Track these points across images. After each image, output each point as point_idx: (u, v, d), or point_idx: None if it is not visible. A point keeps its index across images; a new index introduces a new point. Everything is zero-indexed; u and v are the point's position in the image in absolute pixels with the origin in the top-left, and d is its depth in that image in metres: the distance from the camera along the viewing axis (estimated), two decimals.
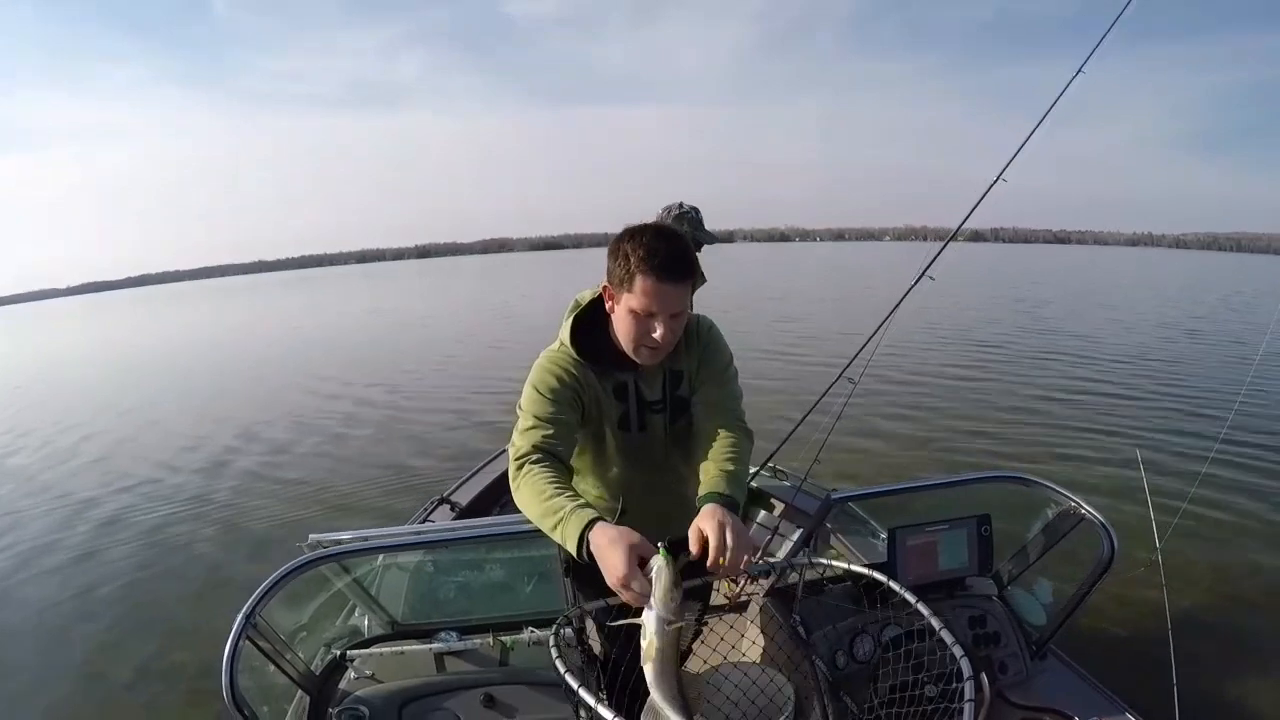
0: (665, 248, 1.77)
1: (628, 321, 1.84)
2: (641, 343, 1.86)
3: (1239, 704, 3.81)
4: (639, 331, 1.84)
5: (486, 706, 2.15)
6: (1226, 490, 6.88)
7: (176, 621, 5.18)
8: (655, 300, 1.77)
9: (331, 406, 12.12)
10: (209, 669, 4.05)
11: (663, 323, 1.81)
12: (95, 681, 4.52)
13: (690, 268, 1.81)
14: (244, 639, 1.85)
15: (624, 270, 1.79)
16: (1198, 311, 23.26)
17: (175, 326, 37.54)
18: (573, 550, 1.57)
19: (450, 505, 4.22)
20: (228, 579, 5.77)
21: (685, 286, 1.81)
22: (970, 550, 2.64)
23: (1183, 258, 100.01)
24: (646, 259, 1.75)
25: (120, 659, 4.72)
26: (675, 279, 1.77)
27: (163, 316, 48.86)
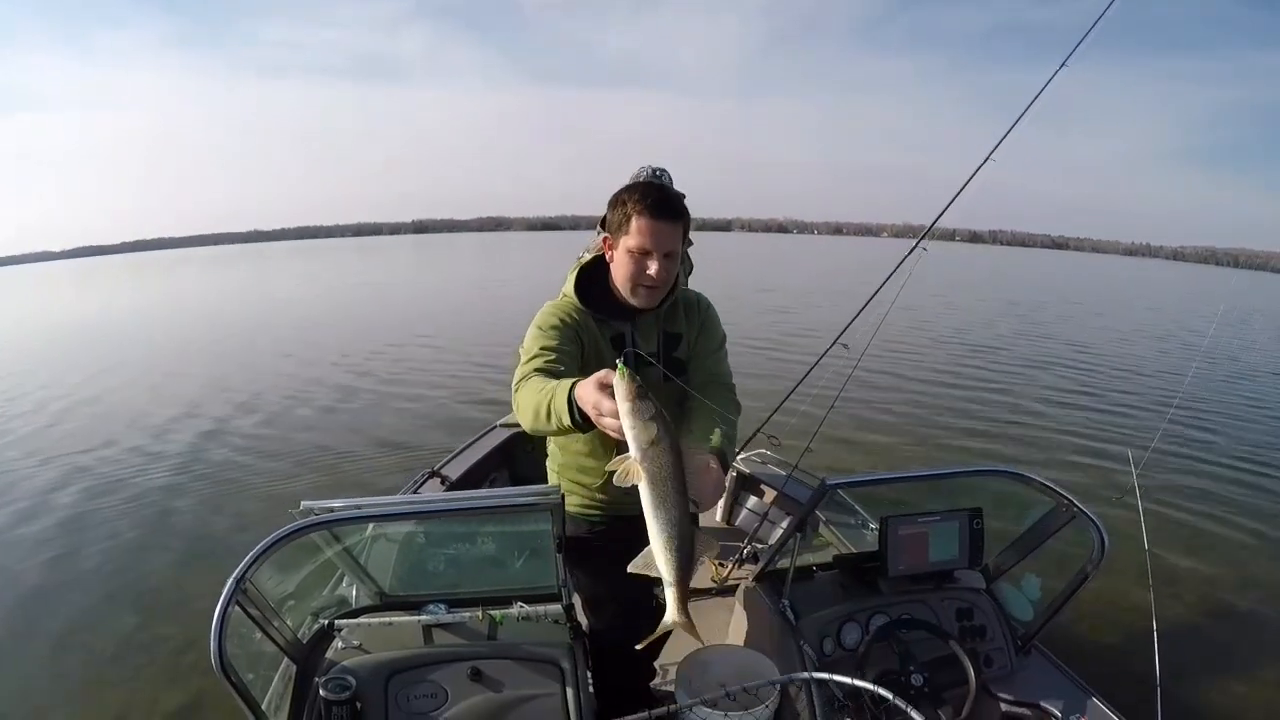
0: (657, 192, 1.99)
1: (625, 262, 2.01)
2: (639, 281, 2.02)
3: (1222, 704, 3.84)
4: (636, 270, 2.00)
5: (474, 680, 2.14)
6: (1214, 492, 6.96)
7: (161, 589, 5.14)
8: (650, 237, 1.96)
9: (323, 377, 12.07)
10: (193, 639, 4.05)
11: (657, 260, 1.98)
12: (75, 653, 4.44)
13: (680, 211, 2.00)
14: (233, 605, 1.83)
15: (621, 215, 1.99)
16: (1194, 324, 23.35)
17: (169, 293, 37.29)
18: (565, 416, 1.66)
19: (440, 479, 4.20)
20: (211, 548, 5.73)
21: (677, 227, 2.00)
22: (961, 543, 2.65)
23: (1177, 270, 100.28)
24: (641, 201, 1.96)
25: (102, 629, 4.66)
26: (667, 218, 1.97)
27: (157, 282, 48.56)
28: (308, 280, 40.40)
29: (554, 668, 2.20)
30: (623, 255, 2.02)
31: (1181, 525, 6.11)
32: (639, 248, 1.98)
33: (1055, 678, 2.55)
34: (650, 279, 2.00)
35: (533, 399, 1.80)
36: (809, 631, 2.45)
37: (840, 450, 7.49)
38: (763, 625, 2.61)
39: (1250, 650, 4.37)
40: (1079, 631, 4.14)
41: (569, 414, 1.65)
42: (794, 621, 2.47)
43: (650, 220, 1.95)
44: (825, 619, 2.51)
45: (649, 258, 1.99)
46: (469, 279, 36.11)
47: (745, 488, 4.47)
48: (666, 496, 1.44)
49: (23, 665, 4.34)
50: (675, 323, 2.26)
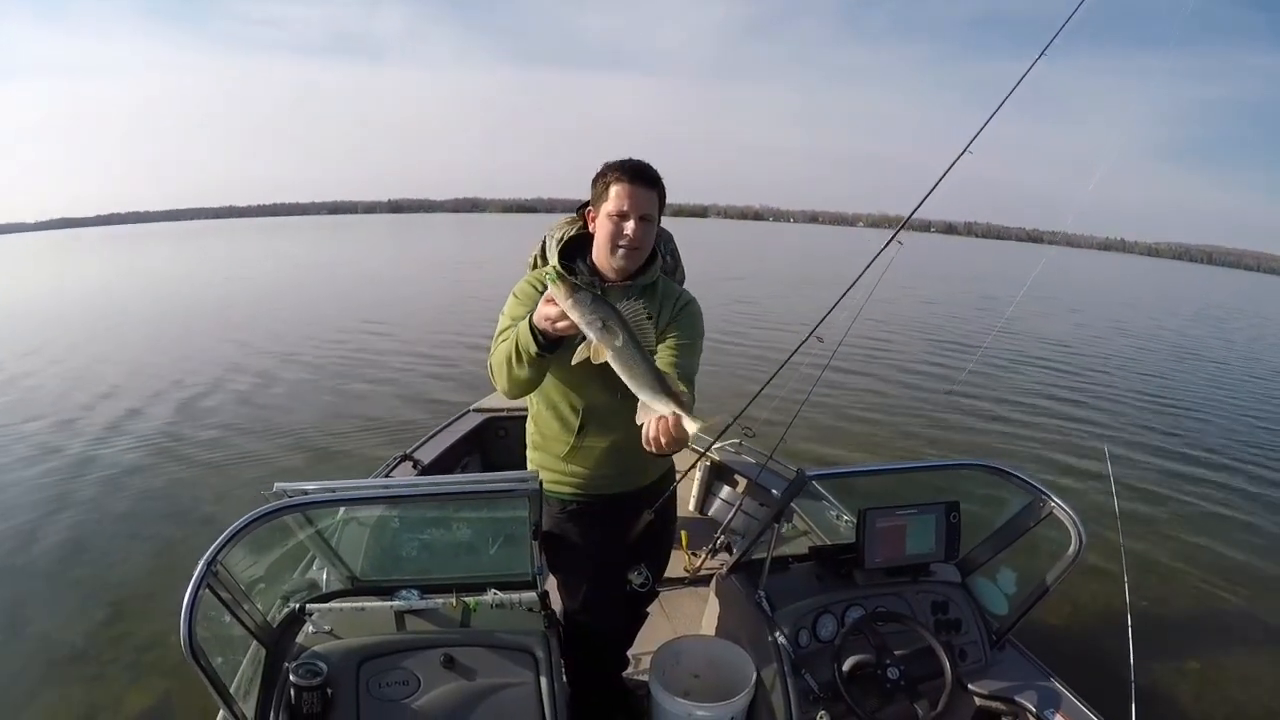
0: (632, 162, 2.16)
1: (605, 226, 2.16)
2: (616, 241, 2.16)
3: (1194, 697, 3.90)
4: (615, 230, 2.15)
5: (446, 667, 2.11)
6: (1190, 486, 7.08)
7: (128, 572, 5.03)
8: (627, 199, 2.12)
9: (291, 358, 11.93)
10: (162, 622, 3.95)
11: (634, 221, 2.13)
12: (35, 641, 4.31)
13: (655, 179, 2.16)
14: (204, 587, 1.79)
15: (603, 185, 2.16)
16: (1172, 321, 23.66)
17: (140, 268, 36.69)
18: (530, 344, 1.95)
19: (413, 463, 4.15)
20: (179, 531, 5.62)
21: (652, 194, 2.16)
22: (938, 536, 2.65)
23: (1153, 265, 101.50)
24: (618, 168, 2.14)
25: (67, 613, 4.54)
26: (642, 183, 2.13)
27: (130, 257, 47.81)
28: (279, 257, 39.96)
29: (528, 656, 2.18)
30: (603, 220, 2.17)
31: (1157, 519, 6.21)
32: (617, 210, 2.13)
33: (1029, 671, 2.56)
34: (627, 239, 2.14)
35: (503, 350, 2.06)
36: (785, 623, 2.44)
37: (813, 441, 7.51)
38: (737, 616, 2.60)
39: (1223, 643, 4.45)
40: (1053, 625, 4.19)
41: (532, 340, 1.93)
42: (770, 613, 2.46)
43: (627, 185, 2.12)
44: (801, 611, 2.50)
45: (626, 220, 2.13)
46: (447, 259, 35.82)
47: (718, 477, 4.46)
48: (633, 355, 1.73)
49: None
50: (650, 303, 2.28)
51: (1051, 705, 2.38)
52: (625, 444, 2.24)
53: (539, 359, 1.98)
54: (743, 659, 2.40)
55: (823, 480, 3.13)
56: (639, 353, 1.74)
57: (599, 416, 2.26)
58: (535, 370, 2.06)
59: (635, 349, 1.74)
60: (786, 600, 2.52)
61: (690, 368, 2.26)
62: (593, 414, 2.27)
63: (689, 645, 2.55)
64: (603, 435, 2.28)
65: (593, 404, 2.25)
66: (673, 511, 2.64)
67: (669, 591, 3.52)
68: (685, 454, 2.44)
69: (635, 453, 2.13)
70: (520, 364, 2.01)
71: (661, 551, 2.64)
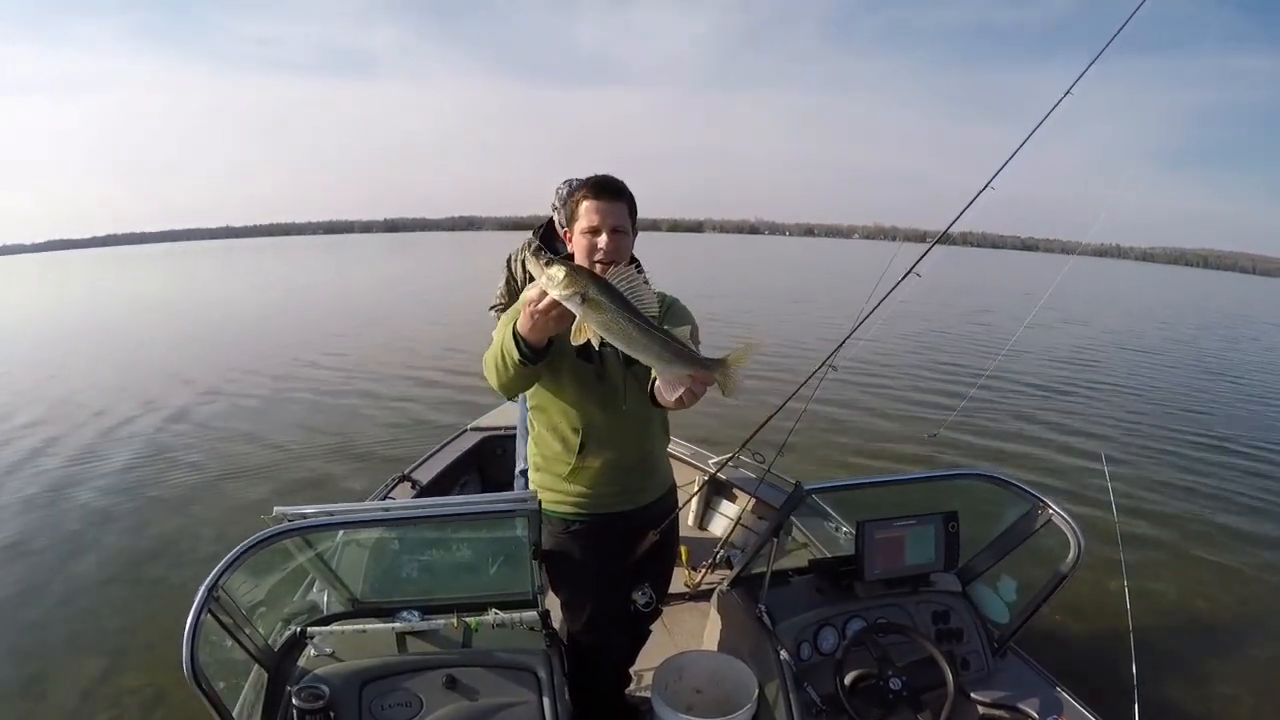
0: (599, 178, 2.20)
1: (580, 244, 2.18)
2: (593, 258, 2.15)
3: (1199, 703, 3.89)
4: (589, 248, 2.16)
5: (448, 688, 2.11)
6: (1189, 490, 7.08)
7: (128, 599, 4.99)
8: (596, 215, 2.14)
9: (287, 380, 11.89)
10: (164, 650, 3.94)
11: (606, 235, 2.14)
12: (37, 665, 4.29)
13: (621, 191, 2.19)
14: (206, 612, 1.79)
15: (573, 204, 2.20)
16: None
17: (139, 289, 36.60)
18: (512, 349, 1.93)
19: (411, 483, 4.16)
20: (178, 556, 5.58)
21: (620, 205, 2.18)
22: (937, 546, 2.65)
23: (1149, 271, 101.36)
24: (585, 186, 2.19)
25: (64, 641, 4.51)
26: (609, 197, 2.16)
27: (128, 277, 47.76)
28: (275, 278, 39.95)
29: (530, 675, 2.18)
30: (578, 239, 2.19)
31: (1156, 523, 6.20)
32: (588, 227, 2.16)
33: (1032, 679, 2.56)
34: (602, 252, 2.15)
35: (492, 352, 2.05)
36: (786, 636, 2.44)
37: (811, 453, 7.50)
38: (739, 630, 2.60)
39: (1227, 648, 4.44)
40: (1055, 632, 4.18)
41: (515, 347, 1.91)
42: (770, 626, 2.46)
43: (594, 200, 2.15)
44: (802, 624, 2.50)
45: (598, 234, 2.15)
46: (445, 277, 35.77)
47: (718, 492, 4.46)
48: (627, 322, 1.61)
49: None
50: None
51: (1054, 712, 2.38)
52: (625, 462, 2.32)
53: (523, 367, 1.96)
54: (745, 673, 2.40)
55: (821, 493, 3.13)
56: (634, 318, 1.62)
57: (598, 435, 2.27)
58: (522, 379, 2.09)
59: (628, 315, 1.61)
60: (787, 613, 2.52)
61: None
62: (592, 432, 2.27)
63: (691, 660, 2.55)
64: (603, 453, 2.29)
65: (592, 422, 2.26)
66: (675, 529, 2.64)
67: (670, 607, 3.52)
68: (686, 473, 2.45)
69: (636, 470, 2.33)
70: (505, 367, 2.01)
71: (664, 569, 2.64)
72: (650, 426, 2.39)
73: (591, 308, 1.60)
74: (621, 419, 2.29)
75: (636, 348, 1.65)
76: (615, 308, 1.61)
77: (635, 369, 2.23)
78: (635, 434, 2.33)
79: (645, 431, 2.37)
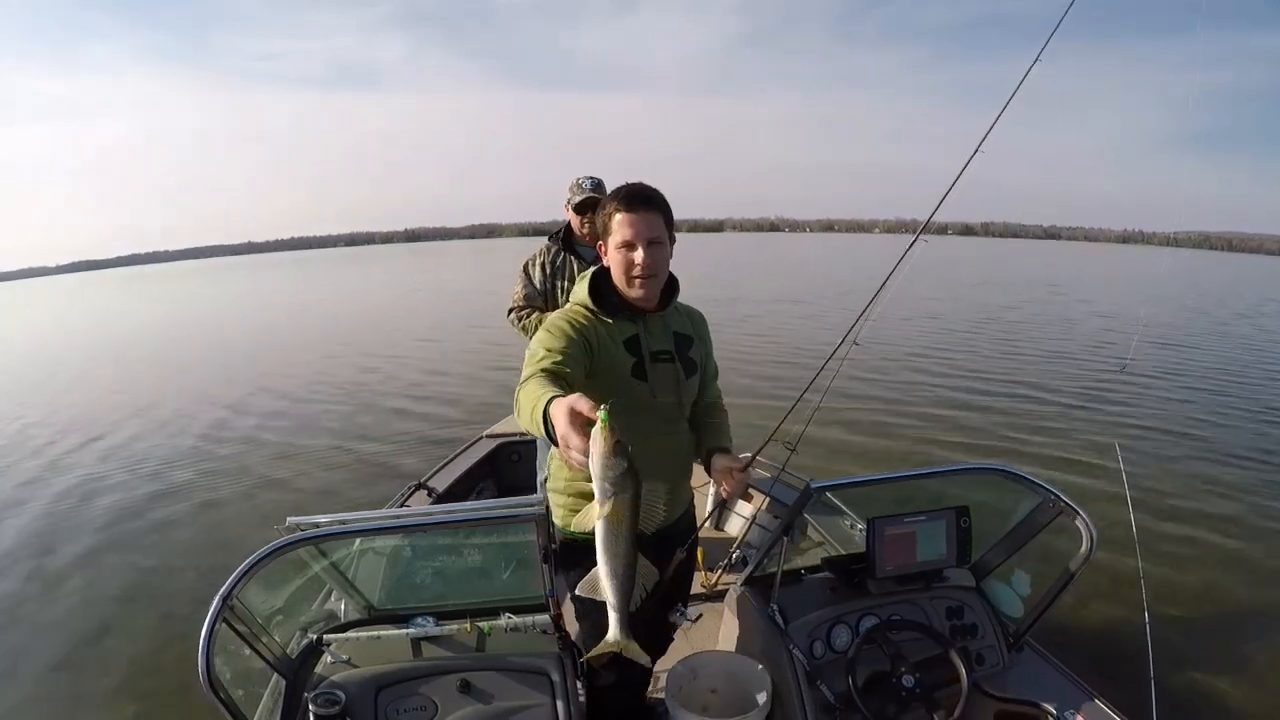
0: (629, 187, 2.12)
1: (617, 260, 2.12)
2: (630, 273, 2.11)
3: (1217, 697, 3.84)
4: (625, 262, 2.10)
5: (463, 692, 2.14)
6: (1204, 480, 7.01)
7: (144, 611, 5.07)
8: (631, 228, 2.07)
9: (307, 391, 12.01)
10: (180, 658, 4.00)
11: (642, 248, 2.08)
12: (52, 672, 4.37)
13: (655, 200, 2.10)
14: (220, 622, 1.83)
15: (606, 218, 2.12)
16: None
17: (157, 306, 37.09)
18: (540, 427, 1.66)
19: (427, 491, 4.21)
20: (196, 566, 5.67)
21: (654, 215, 2.10)
22: (948, 541, 2.64)
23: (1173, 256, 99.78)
24: (615, 197, 2.10)
25: (81, 649, 4.59)
26: (642, 208, 2.08)
27: (149, 296, 48.35)
28: (296, 290, 40.29)
29: (543, 678, 2.20)
30: (613, 254, 2.13)
31: (1172, 513, 6.12)
32: (623, 241, 2.09)
33: (1048, 673, 2.55)
34: (639, 268, 2.09)
35: (529, 401, 1.77)
36: (798, 635, 2.45)
37: (822, 452, 7.46)
38: (752, 630, 2.61)
39: (1247, 639, 4.37)
40: (1070, 625, 4.13)
41: (544, 429, 1.64)
42: (783, 625, 2.47)
43: (626, 213, 2.08)
44: (814, 622, 2.51)
45: (634, 249, 2.09)
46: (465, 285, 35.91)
47: None
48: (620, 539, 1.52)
49: None
50: (682, 325, 2.35)
51: (1072, 706, 2.37)
52: (675, 474, 2.36)
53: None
54: (758, 673, 2.41)
55: (833, 491, 3.13)
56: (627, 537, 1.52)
57: (652, 457, 2.08)
58: None
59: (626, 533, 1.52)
60: (800, 612, 2.53)
61: (716, 381, 2.54)
62: (639, 453, 2.17)
63: (705, 661, 2.56)
64: (649, 469, 2.18)
65: (640, 443, 2.17)
66: (696, 541, 2.61)
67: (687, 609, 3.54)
68: (699, 473, 2.45)
69: (672, 493, 2.32)
70: (537, 430, 1.70)
71: (688, 583, 2.65)
72: (691, 452, 2.40)
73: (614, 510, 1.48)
74: (670, 438, 2.30)
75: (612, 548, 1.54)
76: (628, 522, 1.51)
77: (689, 384, 2.30)
78: (679, 451, 2.35)
79: (685, 449, 2.38)
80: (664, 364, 2.23)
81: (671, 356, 2.25)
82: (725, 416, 2.48)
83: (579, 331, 2.10)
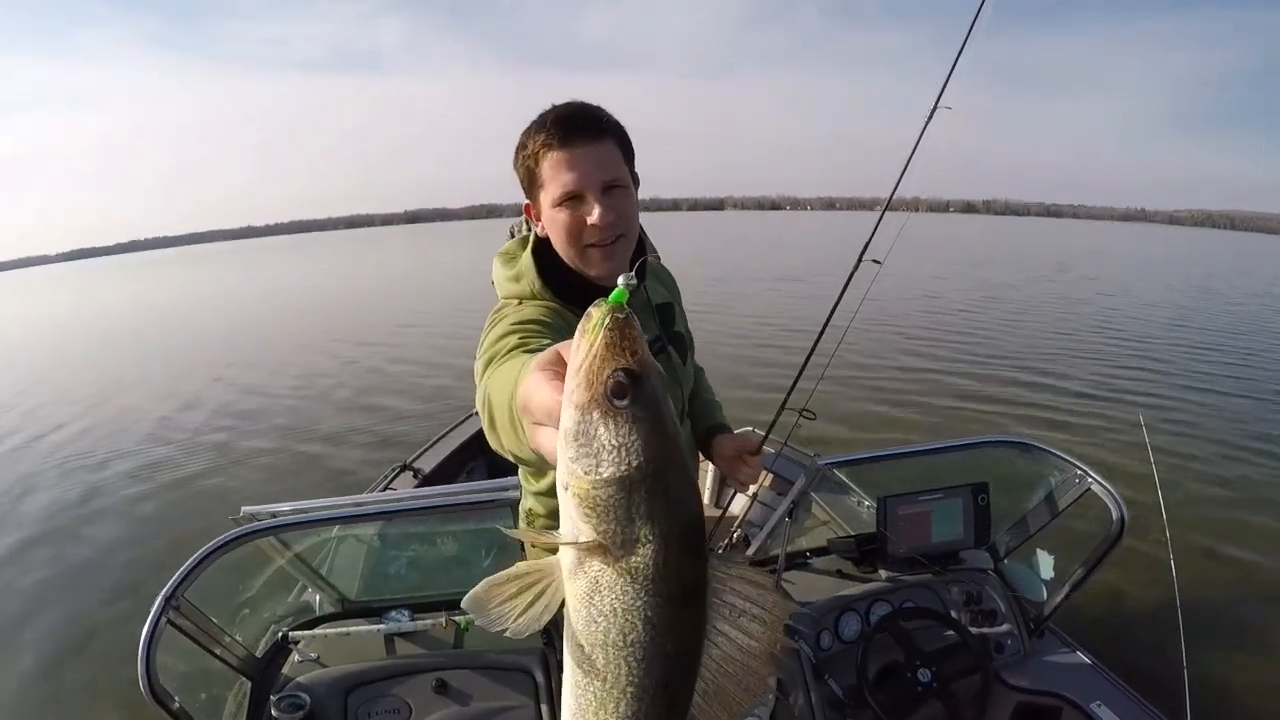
0: (560, 109, 1.37)
1: (559, 225, 1.39)
2: (585, 241, 1.40)
3: (1255, 687, 3.62)
4: (574, 227, 1.38)
5: (439, 693, 1.98)
6: (1234, 451, 6.78)
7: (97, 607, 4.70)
8: (572, 172, 1.35)
9: (297, 368, 11.76)
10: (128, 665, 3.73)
11: (595, 200, 1.36)
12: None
13: (601, 122, 1.37)
14: (164, 623, 1.67)
15: (530, 163, 1.39)
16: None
17: (143, 293, 36.65)
18: None
19: (413, 472, 4.02)
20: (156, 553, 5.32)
21: (606, 146, 1.37)
22: (966, 521, 2.48)
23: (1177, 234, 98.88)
24: (542, 129, 1.36)
25: (19, 653, 4.24)
26: (584, 137, 1.35)
27: (138, 283, 48.06)
28: (292, 274, 40.02)
29: (525, 677, 2.03)
30: (551, 217, 1.40)
31: (1199, 490, 5.83)
32: (564, 193, 1.36)
33: (1072, 662, 2.40)
34: (597, 229, 1.37)
35: (505, 388, 0.97)
36: (804, 624, 2.28)
37: (828, 425, 7.21)
38: None
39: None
40: (1095, 610, 3.90)
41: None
42: None
43: (563, 151, 1.34)
44: (821, 610, 2.33)
45: (582, 201, 1.37)
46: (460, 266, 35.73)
47: None
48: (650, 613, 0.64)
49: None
50: (658, 292, 1.72)
51: (1098, 696, 2.23)
52: None
53: None
54: None
55: (840, 467, 2.95)
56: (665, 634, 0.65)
57: None
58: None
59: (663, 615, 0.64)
60: (805, 599, 2.36)
61: None
62: None
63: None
64: None
65: None
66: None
67: None
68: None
69: None
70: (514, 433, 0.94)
71: None
72: (694, 449, 1.84)
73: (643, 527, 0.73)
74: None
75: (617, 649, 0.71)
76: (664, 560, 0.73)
77: (688, 368, 1.76)
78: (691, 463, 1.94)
79: (694, 456, 1.84)
80: (657, 357, 1.66)
81: (662, 343, 1.66)
82: (708, 385, 1.92)
83: (557, 331, 1.38)
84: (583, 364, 0.62)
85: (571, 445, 0.62)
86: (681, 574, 0.63)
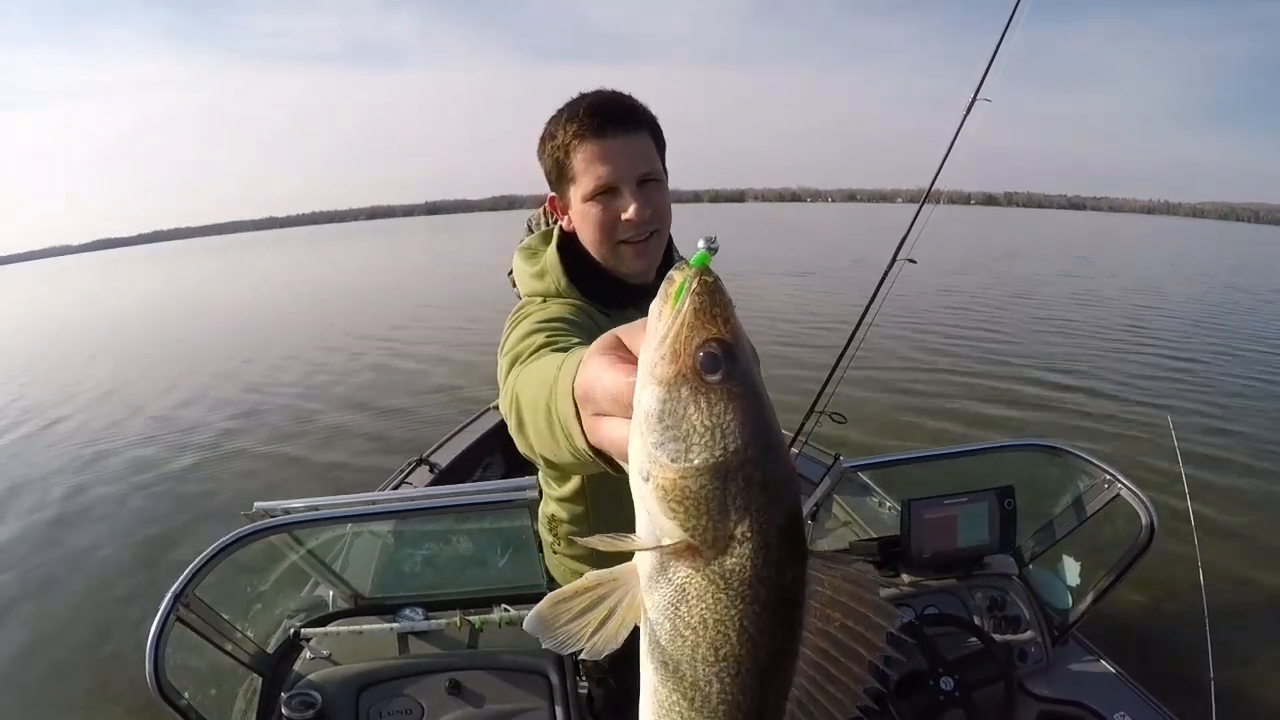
0: (592, 99, 1.33)
1: (592, 220, 1.35)
2: (619, 236, 1.36)
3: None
4: (607, 222, 1.34)
5: (451, 693, 1.95)
6: (1267, 458, 6.61)
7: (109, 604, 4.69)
8: (606, 165, 1.31)
9: (316, 362, 11.77)
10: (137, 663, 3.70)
11: (630, 194, 1.32)
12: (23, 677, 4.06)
13: (636, 112, 1.34)
14: (173, 620, 1.65)
15: (559, 153, 1.35)
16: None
17: (152, 286, 36.79)
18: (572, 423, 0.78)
19: (429, 467, 3.99)
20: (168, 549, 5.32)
21: (642, 138, 1.34)
22: (991, 525, 2.42)
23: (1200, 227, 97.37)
24: (575, 118, 1.31)
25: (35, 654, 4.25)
26: (619, 128, 1.31)
27: (155, 274, 48.34)
28: (312, 266, 40.19)
29: (540, 679, 2.00)
30: (582, 211, 1.36)
31: (1231, 496, 5.69)
32: (598, 186, 1.32)
33: (1096, 670, 2.35)
34: (632, 223, 1.34)
35: (536, 385, 0.88)
36: None
37: (854, 422, 7.09)
38: None
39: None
40: (1120, 617, 3.80)
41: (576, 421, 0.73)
42: None
43: (597, 143, 1.31)
44: None
45: (617, 195, 1.33)
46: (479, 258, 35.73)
47: None
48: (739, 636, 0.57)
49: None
50: None
51: (1122, 706, 2.18)
52: None
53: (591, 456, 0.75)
54: None
55: (864, 469, 2.90)
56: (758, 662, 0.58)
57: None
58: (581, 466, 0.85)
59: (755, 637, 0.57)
60: None
61: None
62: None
63: None
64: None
65: None
66: None
67: None
68: None
69: None
70: (553, 437, 0.82)
71: None
72: None
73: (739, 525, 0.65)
74: None
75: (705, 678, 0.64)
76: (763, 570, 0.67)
77: None
78: None
79: None
80: None
81: None
82: None
83: (585, 331, 1.31)
84: (668, 334, 0.54)
85: (655, 429, 0.54)
86: (781, 577, 0.56)
